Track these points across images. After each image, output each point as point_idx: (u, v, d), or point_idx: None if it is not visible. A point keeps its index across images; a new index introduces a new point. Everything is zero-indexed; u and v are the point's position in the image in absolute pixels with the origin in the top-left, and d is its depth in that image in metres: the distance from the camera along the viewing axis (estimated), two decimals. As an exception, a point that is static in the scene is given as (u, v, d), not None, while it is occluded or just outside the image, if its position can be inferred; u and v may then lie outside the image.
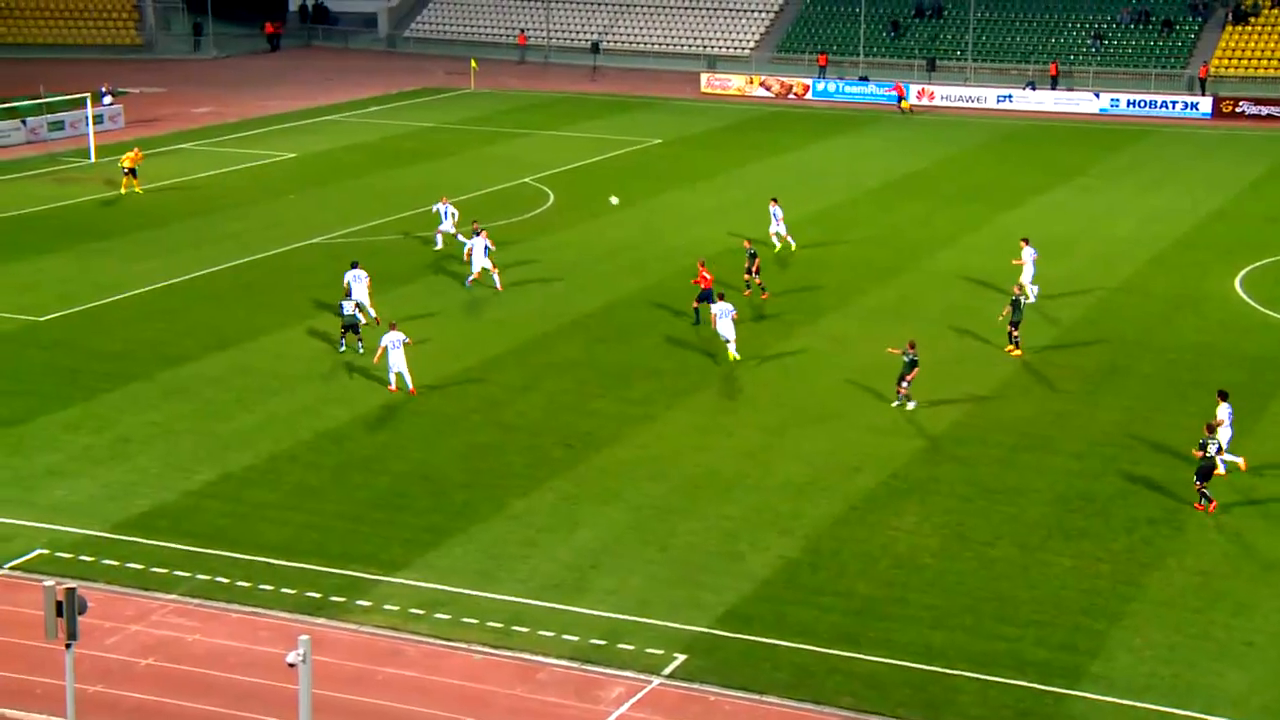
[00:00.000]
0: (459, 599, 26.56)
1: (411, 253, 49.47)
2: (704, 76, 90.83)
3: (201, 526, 29.19)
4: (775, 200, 49.95)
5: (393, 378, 36.26)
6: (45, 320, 42.10)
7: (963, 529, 29.61)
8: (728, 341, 38.42)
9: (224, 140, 71.14)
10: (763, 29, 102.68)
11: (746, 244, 44.88)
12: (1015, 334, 39.76)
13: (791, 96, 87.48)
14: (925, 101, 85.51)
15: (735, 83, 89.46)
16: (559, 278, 46.58)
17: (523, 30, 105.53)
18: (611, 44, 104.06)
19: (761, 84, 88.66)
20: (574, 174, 64.52)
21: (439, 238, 48.70)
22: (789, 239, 49.54)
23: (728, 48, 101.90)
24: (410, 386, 36.17)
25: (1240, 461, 31.61)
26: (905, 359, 35.59)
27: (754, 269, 44.04)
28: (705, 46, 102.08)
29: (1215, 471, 30.71)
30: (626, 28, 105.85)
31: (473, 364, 38.84)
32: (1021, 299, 40.27)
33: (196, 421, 34.68)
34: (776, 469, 32.43)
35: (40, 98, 70.36)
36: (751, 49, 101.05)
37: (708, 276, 41.21)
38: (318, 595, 26.58)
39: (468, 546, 28.58)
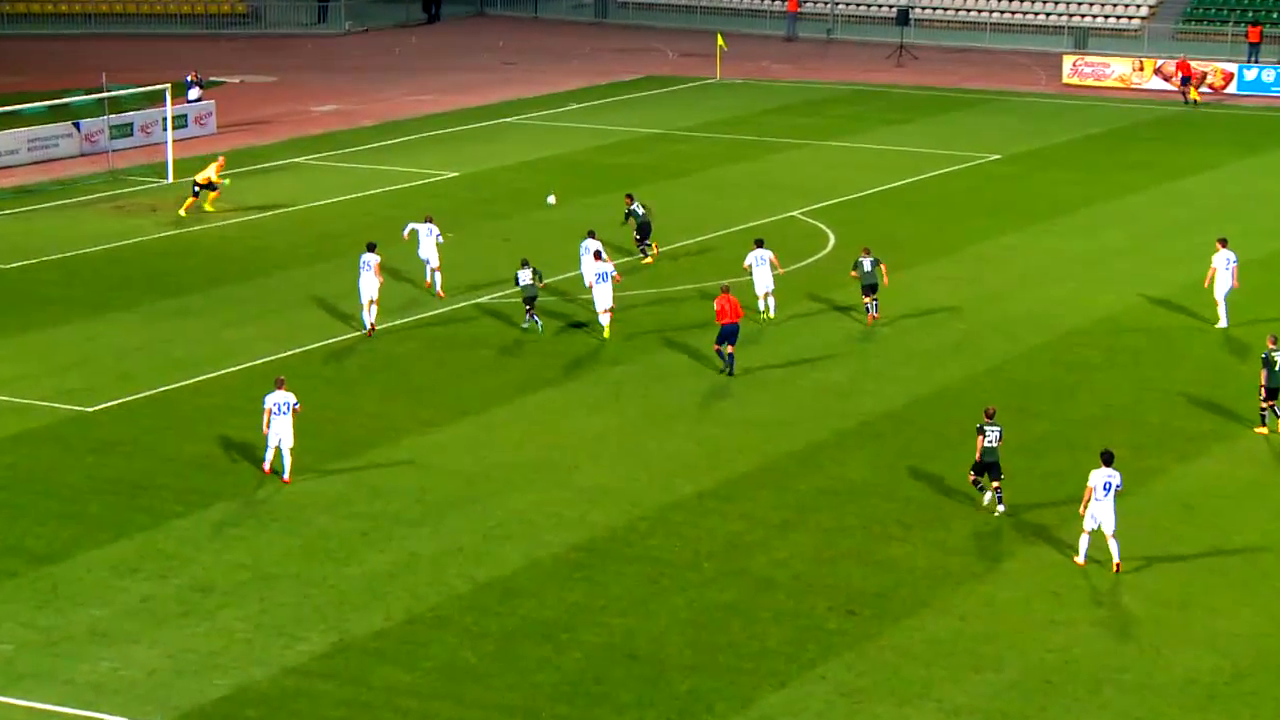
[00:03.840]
0: (680, 841, 26.51)
1: (630, 322, 49.92)
2: (1068, 61, 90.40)
3: (308, 719, 29.66)
4: (592, 232, 51.35)
5: (269, 455, 38.73)
6: (96, 411, 43.57)
7: None
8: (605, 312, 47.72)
9: (356, 151, 73.19)
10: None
11: (628, 200, 55.25)
12: (1275, 405, 40.98)
13: (1205, 89, 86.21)
14: None
15: (1117, 69, 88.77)
16: (839, 355, 46.44)
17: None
18: (927, 13, 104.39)
19: (1157, 71, 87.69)
20: (865, 205, 64.49)
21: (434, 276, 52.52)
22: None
23: (1106, 17, 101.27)
24: (285, 474, 38.40)
25: (1116, 558, 34.34)
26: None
27: (644, 238, 54.51)
28: (1071, 17, 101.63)
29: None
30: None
31: (709, 486, 38.94)
32: (1276, 354, 40.82)
33: (304, 563, 35.35)
34: (1172, 658, 31.69)
35: (101, 91, 73.04)
36: (1143, 19, 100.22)
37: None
38: (471, 827, 26.82)
39: (695, 762, 28.56)
